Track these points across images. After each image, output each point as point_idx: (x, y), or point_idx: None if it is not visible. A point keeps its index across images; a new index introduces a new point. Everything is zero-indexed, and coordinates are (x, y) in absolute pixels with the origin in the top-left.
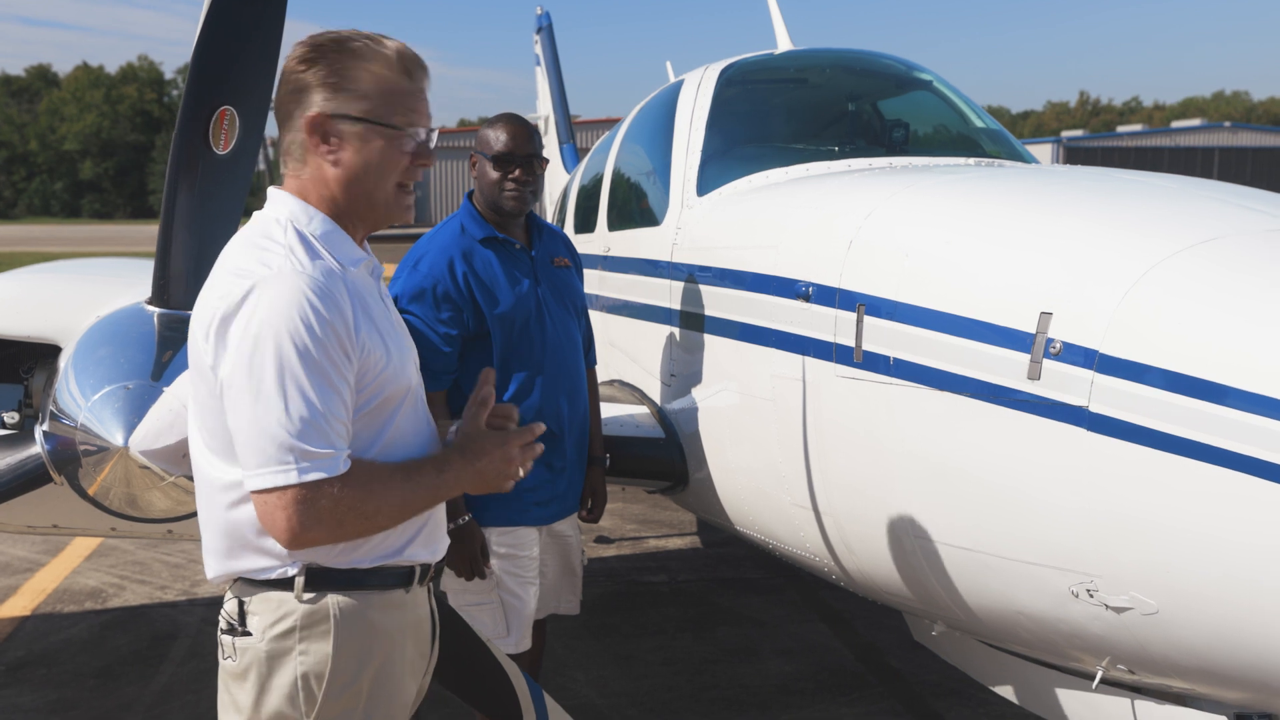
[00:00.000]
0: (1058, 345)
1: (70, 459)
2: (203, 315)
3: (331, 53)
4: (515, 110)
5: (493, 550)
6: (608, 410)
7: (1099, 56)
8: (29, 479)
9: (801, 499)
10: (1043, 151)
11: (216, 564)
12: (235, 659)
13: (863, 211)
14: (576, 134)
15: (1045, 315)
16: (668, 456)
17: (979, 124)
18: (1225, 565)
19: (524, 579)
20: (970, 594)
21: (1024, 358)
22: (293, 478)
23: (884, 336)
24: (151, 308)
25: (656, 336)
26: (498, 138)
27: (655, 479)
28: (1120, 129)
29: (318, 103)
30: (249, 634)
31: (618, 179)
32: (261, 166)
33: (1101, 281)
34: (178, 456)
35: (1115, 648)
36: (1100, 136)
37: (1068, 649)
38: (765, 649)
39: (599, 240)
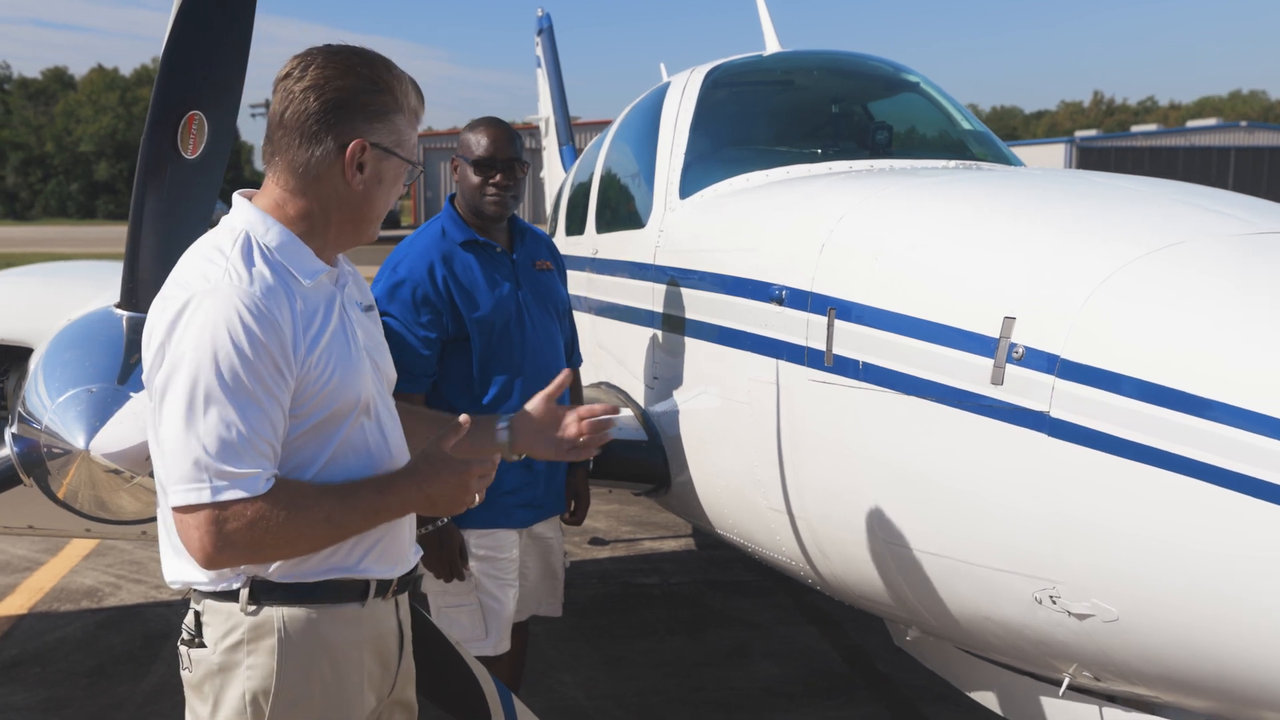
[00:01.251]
0: (1020, 350)
1: (37, 462)
2: (148, 324)
3: (367, 76)
4: (518, 111)
5: (471, 552)
6: None
7: (1113, 56)
8: None
9: (777, 503)
10: (1056, 151)
11: (171, 568)
12: (192, 670)
13: (836, 215)
14: (576, 135)
15: (1009, 320)
16: (650, 459)
17: (965, 126)
18: (1185, 573)
19: (503, 581)
20: (939, 599)
21: (987, 362)
22: (205, 496)
23: (854, 340)
24: (120, 311)
25: (640, 339)
26: (479, 142)
27: (638, 482)
28: (1135, 129)
29: (360, 129)
30: (203, 646)
31: (606, 181)
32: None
33: (1065, 286)
34: (142, 458)
35: (1079, 654)
36: (1114, 136)
37: (1035, 655)
38: (755, 651)
39: (588, 242)
